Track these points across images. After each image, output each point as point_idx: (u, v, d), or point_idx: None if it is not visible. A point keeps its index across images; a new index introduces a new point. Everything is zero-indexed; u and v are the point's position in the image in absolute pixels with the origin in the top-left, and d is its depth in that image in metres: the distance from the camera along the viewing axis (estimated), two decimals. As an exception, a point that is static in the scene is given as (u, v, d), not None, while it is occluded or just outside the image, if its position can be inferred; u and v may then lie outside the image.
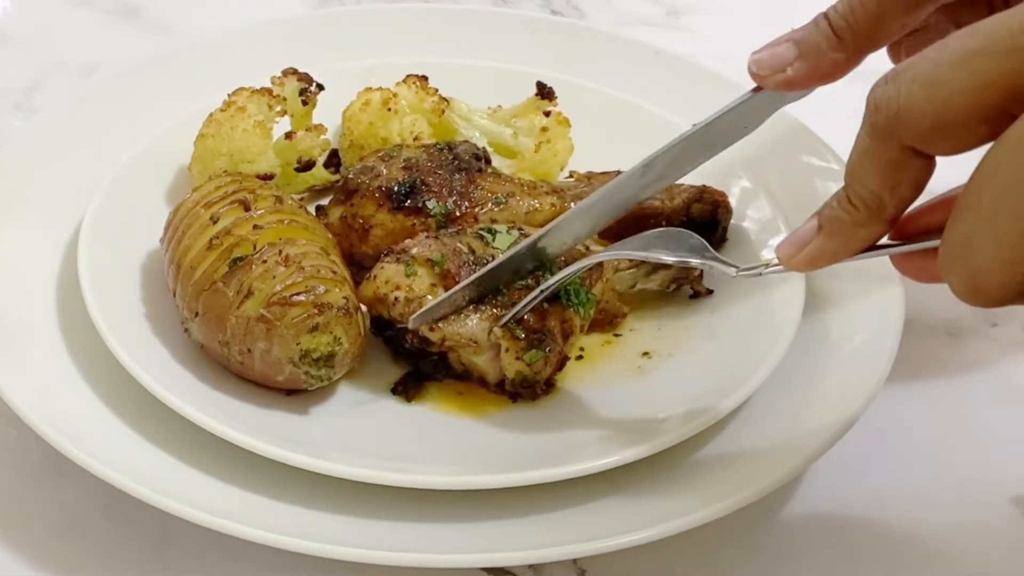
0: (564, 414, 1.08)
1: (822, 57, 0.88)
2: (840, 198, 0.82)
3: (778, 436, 1.04)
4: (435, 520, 0.98)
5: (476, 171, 1.19)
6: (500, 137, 1.30)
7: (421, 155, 1.19)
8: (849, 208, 0.81)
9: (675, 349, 1.14)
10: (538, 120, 1.31)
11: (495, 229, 1.12)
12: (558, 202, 1.19)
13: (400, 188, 1.16)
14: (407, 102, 1.28)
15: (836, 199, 0.82)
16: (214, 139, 1.21)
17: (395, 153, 1.20)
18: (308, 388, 1.05)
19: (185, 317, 1.07)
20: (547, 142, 1.30)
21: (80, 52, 1.56)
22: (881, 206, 0.80)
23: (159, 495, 0.95)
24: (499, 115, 1.32)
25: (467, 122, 1.30)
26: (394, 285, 1.08)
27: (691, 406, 1.04)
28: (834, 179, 1.28)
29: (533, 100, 1.31)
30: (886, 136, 0.77)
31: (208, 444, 1.00)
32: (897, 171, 0.78)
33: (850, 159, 0.81)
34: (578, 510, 0.99)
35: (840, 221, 0.82)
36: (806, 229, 0.84)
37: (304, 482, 0.98)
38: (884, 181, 0.79)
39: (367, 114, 1.28)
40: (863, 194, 0.80)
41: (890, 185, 0.79)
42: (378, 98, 1.28)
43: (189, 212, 1.11)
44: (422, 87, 1.29)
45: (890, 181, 0.79)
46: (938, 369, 1.21)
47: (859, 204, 0.81)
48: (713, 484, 1.00)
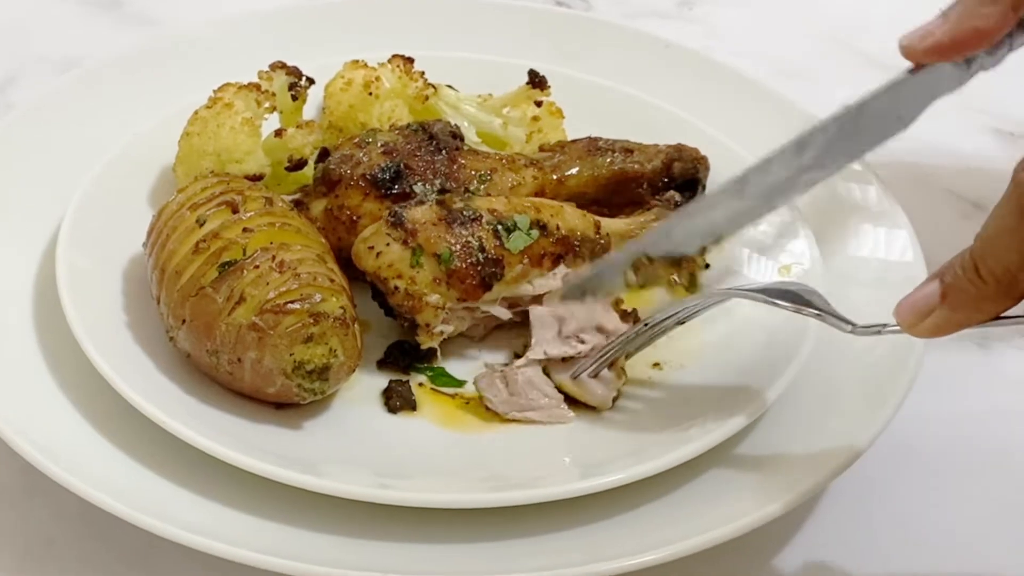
0: (569, 428, 1.09)
1: (972, 15, 0.87)
2: (967, 267, 0.83)
3: (796, 452, 1.05)
4: (434, 540, 0.98)
5: (455, 149, 1.21)
6: (489, 127, 1.32)
7: (397, 138, 1.21)
8: (977, 281, 0.82)
9: (687, 360, 1.14)
10: (529, 110, 1.32)
11: (515, 226, 1.12)
12: (539, 174, 1.22)
13: (385, 174, 1.17)
14: (390, 85, 1.29)
15: (962, 267, 0.83)
16: (200, 138, 1.22)
17: (370, 138, 1.21)
18: (300, 402, 1.05)
19: (170, 325, 1.07)
20: (538, 132, 1.31)
21: (59, 45, 1.57)
22: (1013, 283, 0.81)
23: (140, 513, 0.95)
24: (489, 104, 1.33)
25: (455, 110, 1.31)
26: (396, 272, 1.10)
27: (701, 422, 1.04)
28: (855, 180, 1.29)
29: (525, 89, 1.32)
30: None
31: (194, 460, 1.00)
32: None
33: (987, 232, 0.82)
34: (586, 529, 1.00)
35: (966, 293, 0.83)
36: (927, 294, 0.85)
37: (296, 500, 0.99)
38: (1023, 259, 0.80)
39: (348, 95, 1.28)
40: (996, 270, 0.81)
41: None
42: (360, 79, 1.28)
43: (174, 215, 1.12)
44: (406, 71, 1.30)
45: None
46: (966, 382, 1.22)
47: (990, 279, 0.82)
48: (727, 503, 1.01)
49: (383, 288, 1.11)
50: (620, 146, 1.27)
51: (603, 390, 1.07)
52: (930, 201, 1.42)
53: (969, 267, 0.82)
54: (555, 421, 1.07)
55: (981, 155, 1.48)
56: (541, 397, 1.07)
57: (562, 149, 1.27)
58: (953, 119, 1.54)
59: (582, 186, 1.24)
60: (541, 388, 1.08)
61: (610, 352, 1.06)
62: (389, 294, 1.11)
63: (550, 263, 1.14)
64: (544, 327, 1.09)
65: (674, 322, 1.05)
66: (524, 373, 1.07)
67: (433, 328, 1.11)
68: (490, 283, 1.11)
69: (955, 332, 0.85)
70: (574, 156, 1.26)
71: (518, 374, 1.07)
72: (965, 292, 0.83)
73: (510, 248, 1.11)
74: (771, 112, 1.34)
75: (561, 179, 1.23)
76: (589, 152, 1.26)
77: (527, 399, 1.07)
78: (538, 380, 1.08)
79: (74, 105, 1.32)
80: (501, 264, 1.11)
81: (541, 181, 1.22)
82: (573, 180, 1.24)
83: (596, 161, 1.25)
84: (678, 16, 1.72)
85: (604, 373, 1.07)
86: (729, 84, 1.40)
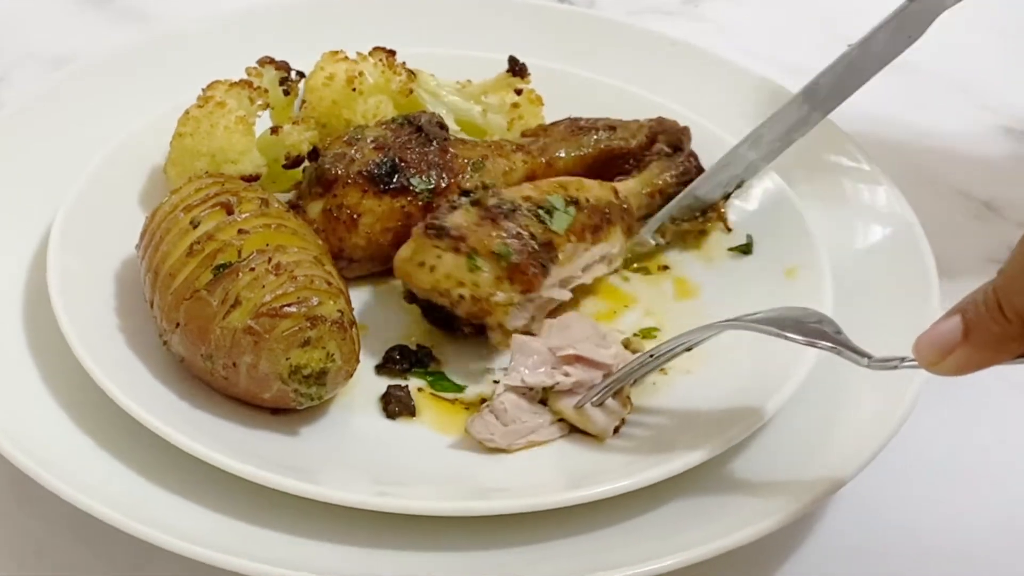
0: (570, 438, 1.09)
1: None
2: (991, 305, 0.82)
3: (801, 461, 1.05)
4: (434, 549, 0.98)
5: (444, 139, 1.23)
6: (468, 114, 1.32)
7: (386, 133, 1.22)
8: (1001, 320, 0.81)
9: (693, 365, 1.14)
10: (508, 97, 1.33)
11: (552, 207, 1.15)
12: (528, 158, 1.26)
13: (381, 169, 1.19)
14: (373, 80, 1.29)
15: (985, 304, 0.82)
16: (193, 138, 1.22)
17: (359, 135, 1.22)
18: (297, 407, 1.06)
19: (164, 329, 1.08)
20: (519, 119, 1.32)
21: (49, 42, 1.57)
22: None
23: (134, 521, 0.95)
24: (468, 90, 1.33)
25: (435, 97, 1.32)
26: (456, 281, 1.11)
27: (703, 431, 1.05)
28: (864, 180, 1.30)
29: (504, 76, 1.32)
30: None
31: (188, 466, 1.00)
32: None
33: (1012, 269, 0.81)
34: (586, 538, 1.00)
35: (990, 332, 0.82)
36: (949, 329, 0.84)
37: (292, 507, 0.99)
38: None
39: (330, 90, 1.28)
40: (1022, 309, 0.80)
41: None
42: (343, 74, 1.29)
43: (167, 216, 1.12)
44: (388, 65, 1.30)
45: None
46: (978, 390, 1.21)
47: (1014, 318, 0.81)
48: (729, 513, 1.01)
49: (446, 300, 1.12)
50: (603, 124, 1.30)
51: (604, 420, 1.07)
52: (941, 201, 1.42)
53: (992, 305, 0.81)
54: (557, 436, 1.08)
55: (993, 155, 1.49)
56: (533, 416, 1.07)
57: (545, 132, 1.30)
58: (965, 118, 1.54)
59: (570, 166, 1.27)
60: (528, 408, 1.08)
61: (614, 383, 1.06)
62: (454, 304, 1.11)
63: (590, 235, 1.17)
64: (524, 354, 1.09)
65: (682, 350, 1.06)
66: (507, 399, 1.07)
67: (508, 326, 1.12)
68: (548, 268, 1.13)
69: (978, 371, 0.84)
70: (558, 138, 1.28)
71: (503, 402, 1.07)
72: (988, 331, 0.82)
73: (556, 229, 1.14)
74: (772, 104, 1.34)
75: (549, 161, 1.26)
76: (572, 132, 1.29)
77: (523, 424, 1.07)
78: (522, 402, 1.08)
79: (65, 104, 1.33)
80: (553, 247, 1.14)
81: (531, 165, 1.25)
82: (561, 162, 1.27)
83: (581, 140, 1.28)
84: (685, 13, 1.72)
85: (609, 402, 1.07)
86: (741, 82, 1.40)
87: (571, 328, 1.11)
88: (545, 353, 1.09)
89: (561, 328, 1.11)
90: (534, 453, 1.07)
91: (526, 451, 1.07)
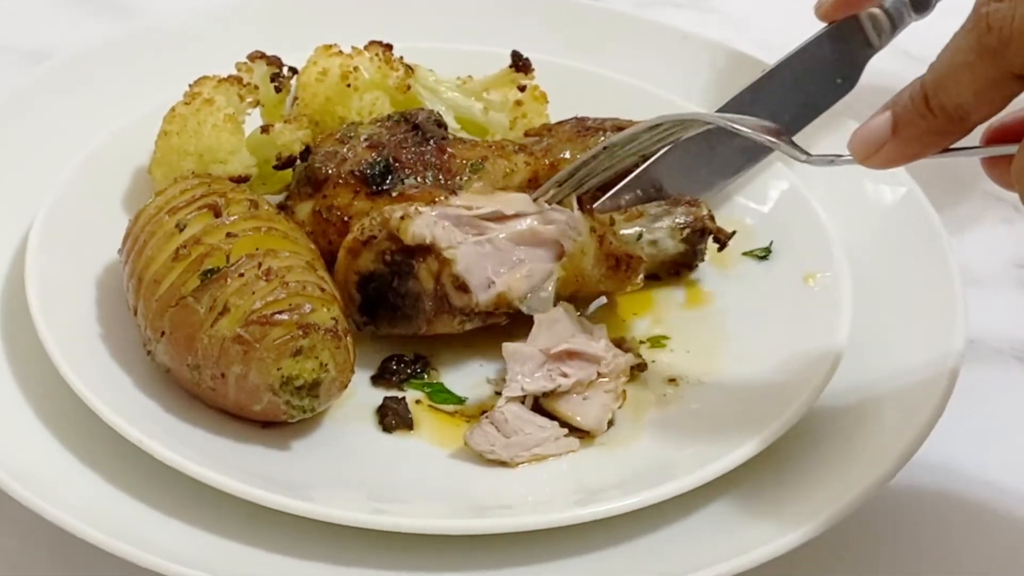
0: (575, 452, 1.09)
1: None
2: (917, 100, 0.88)
3: (824, 473, 1.05)
4: (431, 569, 0.99)
5: (442, 139, 1.23)
6: (469, 112, 1.32)
7: (381, 131, 1.22)
8: (927, 115, 0.88)
9: (705, 375, 1.15)
10: (511, 94, 1.33)
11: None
12: (531, 160, 1.25)
13: (374, 169, 1.19)
14: (369, 76, 1.29)
15: (912, 100, 0.88)
16: (179, 137, 1.22)
17: (352, 133, 1.22)
18: (288, 420, 1.06)
19: (148, 338, 1.08)
20: (522, 117, 1.32)
21: (27, 36, 1.58)
22: (964, 118, 0.87)
23: (115, 539, 0.95)
24: (469, 87, 1.33)
25: (433, 94, 1.32)
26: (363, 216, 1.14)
27: (714, 446, 1.05)
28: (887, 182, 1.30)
29: (507, 72, 1.33)
30: (994, 57, 0.83)
31: (173, 482, 1.00)
32: (993, 90, 0.85)
33: (941, 67, 0.87)
34: (591, 557, 1.00)
35: (917, 127, 0.88)
36: (879, 124, 0.90)
37: (284, 525, 0.99)
38: (977, 98, 0.85)
39: (324, 86, 1.29)
40: (947, 105, 0.86)
41: (981, 102, 0.86)
42: (337, 69, 1.29)
43: (152, 219, 1.12)
44: (385, 60, 1.30)
45: (983, 99, 0.85)
46: (1005, 398, 1.22)
47: (940, 113, 0.87)
48: (744, 530, 1.01)
49: (371, 254, 1.13)
50: (610, 124, 1.29)
51: (597, 412, 1.07)
52: (970, 205, 1.42)
53: (919, 100, 0.88)
54: (564, 451, 1.08)
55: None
56: (539, 430, 1.08)
57: (549, 132, 1.29)
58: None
59: None
60: (533, 420, 1.08)
61: (574, 181, 1.10)
62: (379, 255, 1.13)
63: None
64: (518, 362, 1.10)
65: (637, 148, 1.09)
66: (509, 410, 1.08)
67: (412, 234, 1.12)
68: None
69: (907, 164, 0.92)
70: (564, 139, 1.27)
71: (503, 413, 1.08)
72: (915, 126, 0.89)
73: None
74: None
75: (554, 163, 1.25)
76: (579, 133, 1.28)
77: (526, 435, 1.07)
78: (525, 414, 1.09)
79: (44, 101, 1.33)
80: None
81: (534, 167, 1.24)
82: (566, 164, 1.25)
83: (588, 142, 1.26)
84: (696, 6, 1.72)
85: (599, 395, 1.08)
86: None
87: (558, 324, 1.12)
88: (538, 356, 1.10)
89: (549, 325, 1.12)
90: (538, 466, 1.07)
91: (530, 465, 1.07)
